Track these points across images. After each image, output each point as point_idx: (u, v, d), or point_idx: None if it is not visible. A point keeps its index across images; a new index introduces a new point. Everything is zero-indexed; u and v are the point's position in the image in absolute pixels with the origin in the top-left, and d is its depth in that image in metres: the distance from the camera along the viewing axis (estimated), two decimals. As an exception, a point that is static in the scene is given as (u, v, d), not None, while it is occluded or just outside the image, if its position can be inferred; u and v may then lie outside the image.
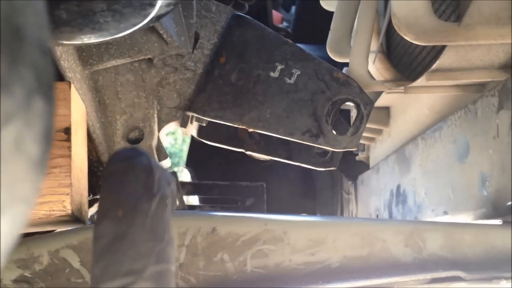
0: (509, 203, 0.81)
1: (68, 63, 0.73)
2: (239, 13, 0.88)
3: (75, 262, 0.67)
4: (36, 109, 0.24)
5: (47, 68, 0.25)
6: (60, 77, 0.71)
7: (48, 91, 0.25)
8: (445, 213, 1.03)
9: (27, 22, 0.24)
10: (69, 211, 0.64)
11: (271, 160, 0.99)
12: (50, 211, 0.64)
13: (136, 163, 0.48)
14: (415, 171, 1.22)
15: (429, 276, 0.70)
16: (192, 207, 2.13)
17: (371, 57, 1.17)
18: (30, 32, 0.24)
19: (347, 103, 0.85)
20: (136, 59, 0.82)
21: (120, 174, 0.48)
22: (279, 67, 0.84)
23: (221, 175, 2.34)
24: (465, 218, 0.96)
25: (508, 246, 0.72)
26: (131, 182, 0.47)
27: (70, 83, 0.68)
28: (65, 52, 0.71)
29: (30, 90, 0.23)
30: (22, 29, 0.23)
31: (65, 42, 0.53)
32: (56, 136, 0.65)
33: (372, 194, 1.59)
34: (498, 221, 0.85)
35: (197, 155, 2.49)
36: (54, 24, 0.48)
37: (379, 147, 1.57)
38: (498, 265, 0.70)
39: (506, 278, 0.69)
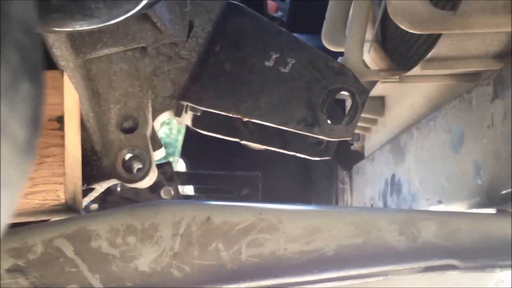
0: (504, 191, 0.81)
1: (61, 52, 0.72)
2: (234, 2, 0.87)
3: (69, 252, 0.67)
4: (22, 92, 0.23)
5: (33, 50, 0.25)
6: (52, 65, 0.71)
7: (35, 74, 0.24)
8: (440, 202, 1.04)
9: (12, 2, 0.23)
10: (63, 201, 0.64)
11: (266, 149, 0.99)
12: (43, 200, 0.64)
13: None
14: (409, 160, 1.22)
15: (423, 264, 0.70)
16: (187, 197, 2.13)
17: (366, 46, 1.16)
18: (15, 12, 0.23)
19: (342, 92, 0.85)
20: (130, 48, 0.81)
21: None
22: (274, 56, 0.83)
23: (217, 165, 2.33)
24: (459, 207, 0.96)
25: (502, 234, 0.72)
26: None
27: (62, 72, 0.68)
28: (57, 40, 0.70)
29: (16, 72, 0.23)
30: (6, 10, 0.23)
31: (56, 29, 0.53)
32: (49, 125, 0.65)
33: (367, 183, 1.60)
34: (492, 210, 0.85)
35: (192, 145, 2.49)
36: (45, 10, 0.48)
37: (374, 136, 1.57)
38: (492, 254, 0.71)
39: (500, 267, 0.69)
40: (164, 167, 1.81)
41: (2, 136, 0.22)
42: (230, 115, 0.84)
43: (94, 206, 1.76)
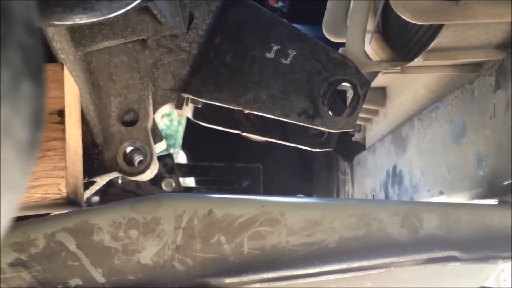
0: (506, 182, 0.81)
1: (61, 44, 0.72)
2: (234, -7, 0.87)
3: (71, 245, 0.67)
4: (24, 93, 0.23)
5: (35, 49, 0.24)
6: (52, 58, 0.70)
7: (37, 74, 0.24)
8: (441, 193, 1.04)
9: (14, 2, 0.23)
10: (64, 194, 0.64)
11: (267, 141, 0.99)
12: (45, 194, 0.64)
13: None
14: (411, 151, 1.22)
15: (425, 256, 0.70)
16: (188, 189, 2.13)
17: (368, 37, 1.15)
18: (17, 11, 0.23)
19: (344, 83, 0.84)
20: (130, 40, 0.81)
21: None
22: (275, 47, 0.83)
23: (217, 157, 2.33)
24: (461, 198, 0.96)
25: (504, 225, 0.72)
26: None
27: (63, 65, 0.68)
28: (57, 33, 0.70)
29: (18, 72, 0.23)
30: (8, 9, 0.22)
31: (56, 22, 0.52)
32: (50, 119, 0.65)
33: (368, 174, 1.60)
34: (494, 201, 0.85)
35: (193, 136, 2.48)
36: (45, 4, 0.47)
37: (375, 127, 1.56)
38: (494, 245, 0.71)
39: (503, 258, 0.69)
40: (165, 159, 1.82)
41: (4, 137, 0.22)
42: (231, 107, 0.84)
43: (96, 198, 1.76)
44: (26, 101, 0.23)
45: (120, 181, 1.79)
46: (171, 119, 7.10)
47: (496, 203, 0.84)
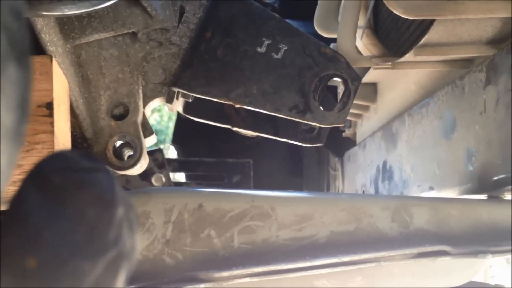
0: (495, 178, 0.81)
1: (50, 37, 0.71)
2: (225, -14, 0.86)
3: (60, 239, 0.66)
4: (8, 76, 0.22)
5: (21, 33, 0.24)
6: (41, 51, 0.69)
7: (22, 57, 0.24)
8: (431, 188, 1.04)
9: None
10: (53, 188, 0.63)
11: (258, 136, 0.98)
12: (33, 188, 0.63)
13: (89, 181, 0.28)
14: (401, 147, 1.22)
15: (415, 250, 0.70)
16: (178, 184, 2.12)
17: (359, 32, 1.16)
18: None
19: (335, 79, 0.84)
20: (120, 33, 0.80)
21: (54, 195, 0.28)
22: (266, 42, 0.83)
23: (208, 152, 2.33)
24: (451, 193, 0.97)
25: (494, 220, 0.73)
26: (70, 215, 0.27)
27: (51, 57, 0.67)
28: (46, 25, 0.69)
29: (2, 55, 0.22)
30: None
31: (45, 13, 0.51)
32: (38, 112, 0.64)
33: (358, 170, 1.60)
34: (483, 196, 0.85)
35: (183, 131, 2.48)
36: (33, -7, 0.46)
37: (365, 123, 1.56)
38: (484, 240, 0.71)
39: (492, 252, 0.70)
40: (155, 154, 1.81)
41: None
42: (222, 101, 0.83)
43: (85, 193, 1.75)
44: (11, 85, 0.23)
45: (109, 176, 1.77)
46: (161, 114, 7.07)
47: (486, 198, 0.84)
